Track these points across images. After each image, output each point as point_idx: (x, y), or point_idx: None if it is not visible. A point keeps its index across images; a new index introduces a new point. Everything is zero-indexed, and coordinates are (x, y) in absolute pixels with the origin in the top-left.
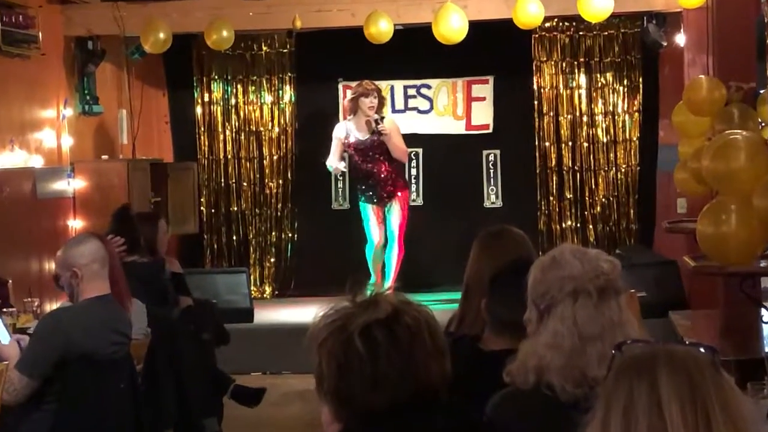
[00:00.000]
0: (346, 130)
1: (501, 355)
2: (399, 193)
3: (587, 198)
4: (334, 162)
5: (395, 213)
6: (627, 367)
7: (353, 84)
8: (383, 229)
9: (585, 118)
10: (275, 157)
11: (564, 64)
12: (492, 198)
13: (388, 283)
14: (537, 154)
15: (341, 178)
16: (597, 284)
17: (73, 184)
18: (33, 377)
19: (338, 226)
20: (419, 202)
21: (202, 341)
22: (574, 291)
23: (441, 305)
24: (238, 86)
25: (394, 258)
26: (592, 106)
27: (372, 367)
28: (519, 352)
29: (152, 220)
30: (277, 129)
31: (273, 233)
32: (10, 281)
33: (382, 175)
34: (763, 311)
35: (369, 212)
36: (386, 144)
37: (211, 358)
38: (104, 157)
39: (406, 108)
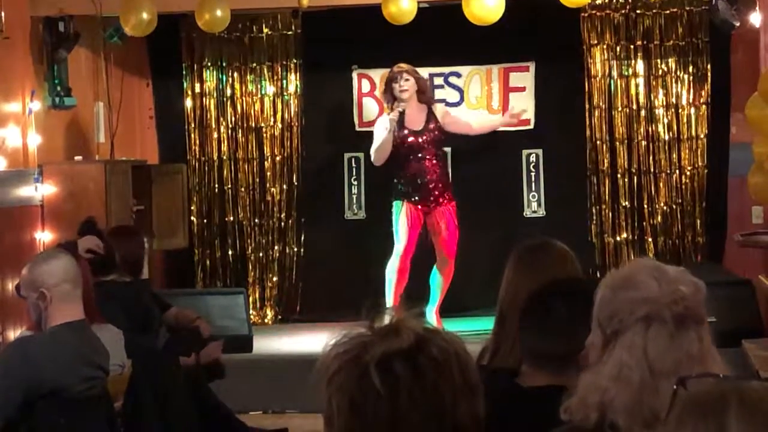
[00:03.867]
0: (389, 124)
1: (543, 393)
2: (447, 203)
3: (646, 206)
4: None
5: (445, 229)
6: (691, 407)
7: (370, 72)
8: (415, 234)
9: (643, 112)
10: (278, 158)
11: (618, 49)
12: (533, 206)
13: (434, 306)
14: (586, 155)
15: (356, 182)
16: (675, 311)
17: (41, 190)
18: None
19: (353, 240)
20: None
21: (191, 376)
22: (646, 317)
23: (472, 333)
24: (235, 75)
25: (445, 280)
26: (652, 98)
27: (390, 405)
28: (579, 385)
29: (133, 234)
30: (280, 125)
31: (275, 247)
32: None
33: (434, 176)
34: None
35: (402, 210)
36: (443, 138)
37: (209, 395)
38: (78, 158)
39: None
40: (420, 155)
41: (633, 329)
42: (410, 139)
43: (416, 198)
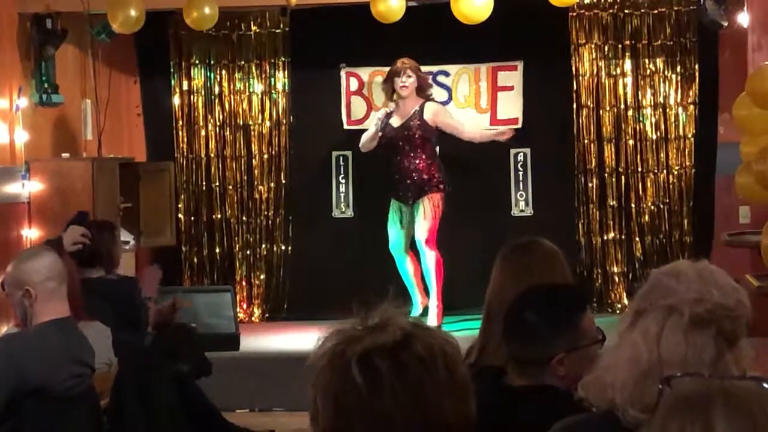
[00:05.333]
0: (377, 122)
1: (529, 391)
2: (429, 193)
3: (633, 205)
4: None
5: (421, 215)
6: (676, 406)
7: (358, 71)
8: (408, 233)
9: (631, 112)
10: (266, 156)
11: (606, 48)
12: (521, 205)
13: (433, 300)
14: (574, 154)
15: (343, 181)
16: (694, 310)
17: (28, 187)
18: None
19: (340, 238)
20: None
21: (178, 374)
22: (670, 307)
23: (460, 331)
24: (223, 72)
25: (431, 269)
26: (639, 97)
27: (372, 402)
28: (599, 361)
29: (105, 228)
30: (268, 123)
31: (263, 245)
32: None
33: (411, 172)
34: None
35: (395, 211)
36: (426, 134)
37: (197, 394)
38: (65, 155)
39: None
40: (396, 151)
41: (654, 314)
42: (389, 135)
43: (399, 195)
